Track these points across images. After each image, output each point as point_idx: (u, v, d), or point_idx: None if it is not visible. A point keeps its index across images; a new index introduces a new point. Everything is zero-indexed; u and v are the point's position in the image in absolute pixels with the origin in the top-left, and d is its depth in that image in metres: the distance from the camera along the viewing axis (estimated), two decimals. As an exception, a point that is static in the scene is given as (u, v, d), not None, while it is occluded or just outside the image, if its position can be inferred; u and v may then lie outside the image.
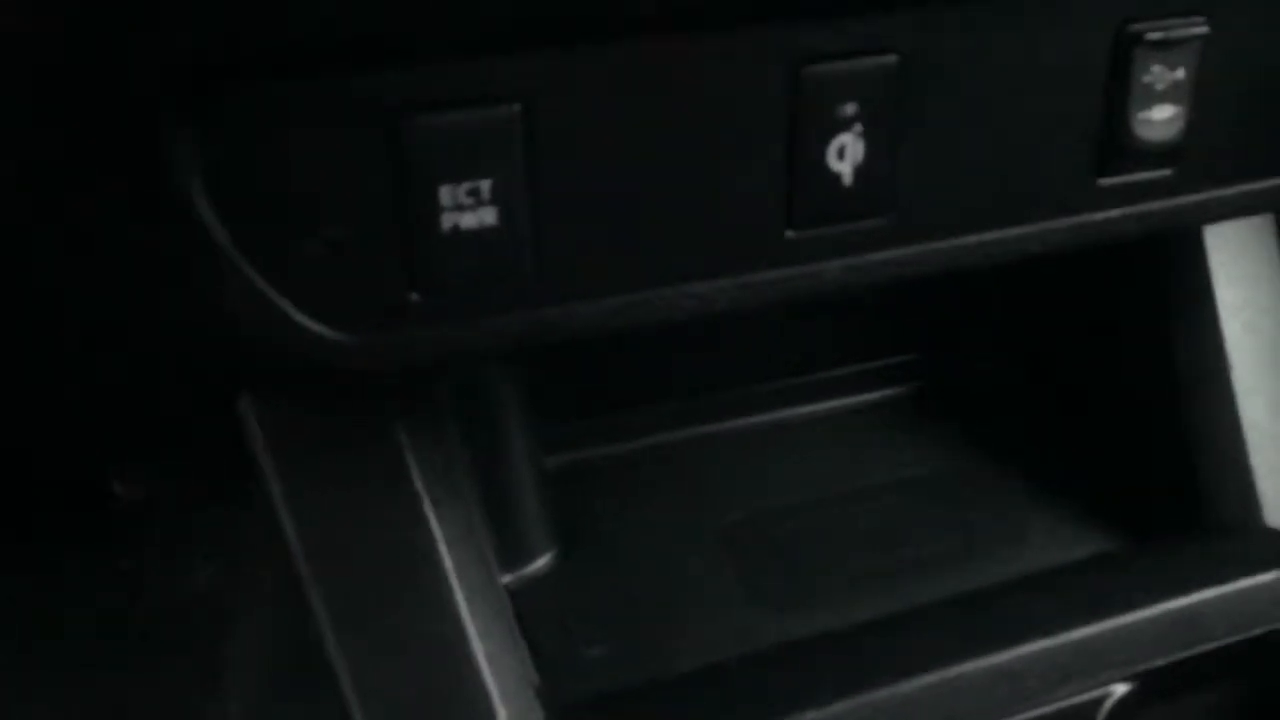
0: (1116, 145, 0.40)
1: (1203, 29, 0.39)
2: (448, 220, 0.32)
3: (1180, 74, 0.39)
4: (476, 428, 0.53)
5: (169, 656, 0.58)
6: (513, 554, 0.55)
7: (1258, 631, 0.48)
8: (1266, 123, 0.42)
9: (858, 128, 0.35)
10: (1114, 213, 0.41)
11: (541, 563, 0.56)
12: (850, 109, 0.35)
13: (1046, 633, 0.46)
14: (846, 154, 0.36)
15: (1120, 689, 0.46)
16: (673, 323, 0.37)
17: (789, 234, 0.37)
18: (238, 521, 0.59)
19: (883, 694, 0.44)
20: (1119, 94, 0.39)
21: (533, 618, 0.52)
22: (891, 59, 0.35)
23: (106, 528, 0.65)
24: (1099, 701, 0.45)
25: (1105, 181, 0.40)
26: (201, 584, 0.64)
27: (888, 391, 0.68)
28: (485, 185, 0.32)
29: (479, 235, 0.32)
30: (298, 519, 0.44)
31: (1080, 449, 0.62)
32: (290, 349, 0.33)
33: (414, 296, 0.33)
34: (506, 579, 0.54)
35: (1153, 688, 0.46)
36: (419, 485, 0.44)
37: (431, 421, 0.45)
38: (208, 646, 0.56)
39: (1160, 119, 0.40)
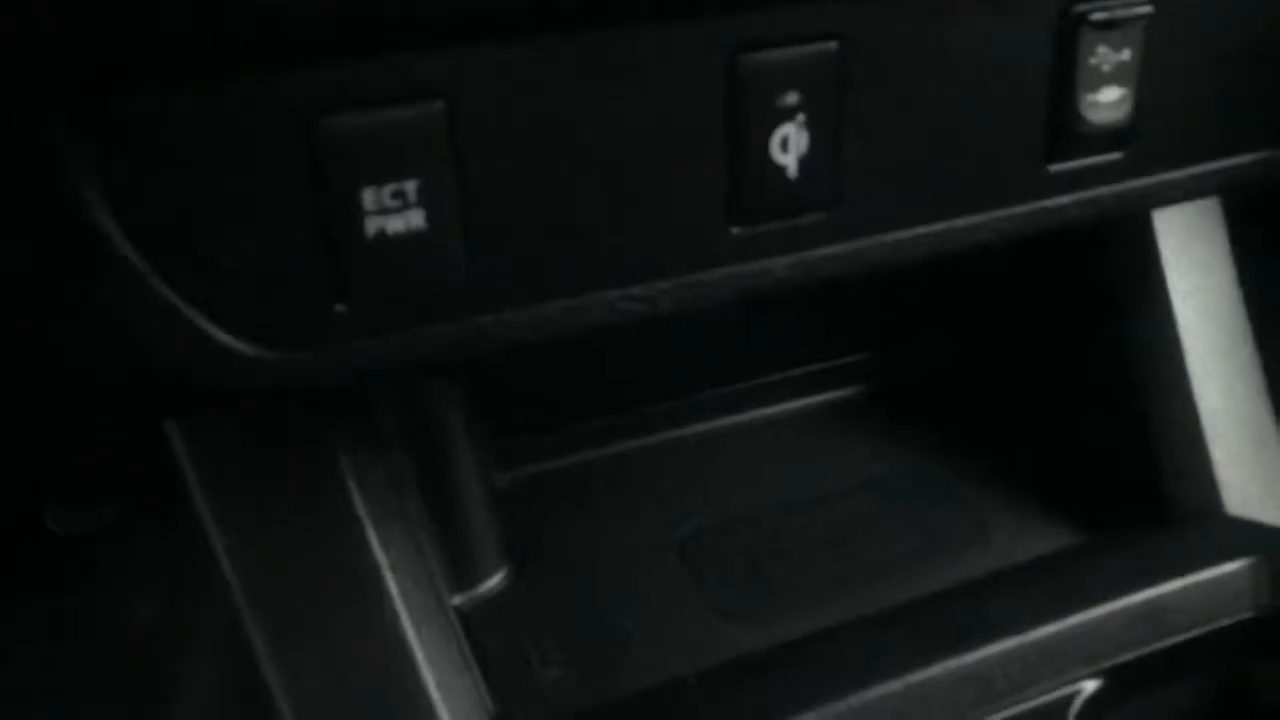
0: (1065, 130, 0.39)
1: (1147, 8, 0.38)
2: (372, 225, 0.30)
3: (1126, 55, 0.38)
4: (422, 445, 0.51)
5: (113, 695, 0.56)
6: (463, 574, 0.53)
7: (1224, 622, 0.47)
8: (1214, 103, 0.42)
9: (800, 118, 0.34)
10: (1064, 199, 0.40)
11: (493, 582, 0.54)
12: (792, 98, 0.34)
13: (1012, 632, 0.45)
14: (790, 145, 0.34)
15: (1089, 686, 0.45)
16: (615, 328, 0.36)
17: (734, 231, 0.35)
18: (179, 554, 0.57)
19: (848, 702, 0.43)
20: (1065, 77, 0.38)
21: (485, 640, 0.50)
22: (831, 45, 0.34)
23: (42, 565, 0.62)
24: (1069, 699, 0.44)
25: (1054, 167, 0.40)
26: (145, 620, 0.62)
27: (840, 393, 0.67)
28: (411, 187, 0.30)
29: (406, 240, 0.31)
30: (231, 548, 0.42)
31: (1038, 443, 0.62)
32: (209, 370, 0.31)
33: (339, 308, 0.31)
34: (457, 600, 0.52)
35: (1122, 683, 0.45)
36: (359, 508, 0.42)
37: (372, 440, 0.44)
38: (153, 684, 0.54)
39: (1108, 101, 0.39)
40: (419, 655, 0.42)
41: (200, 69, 0.27)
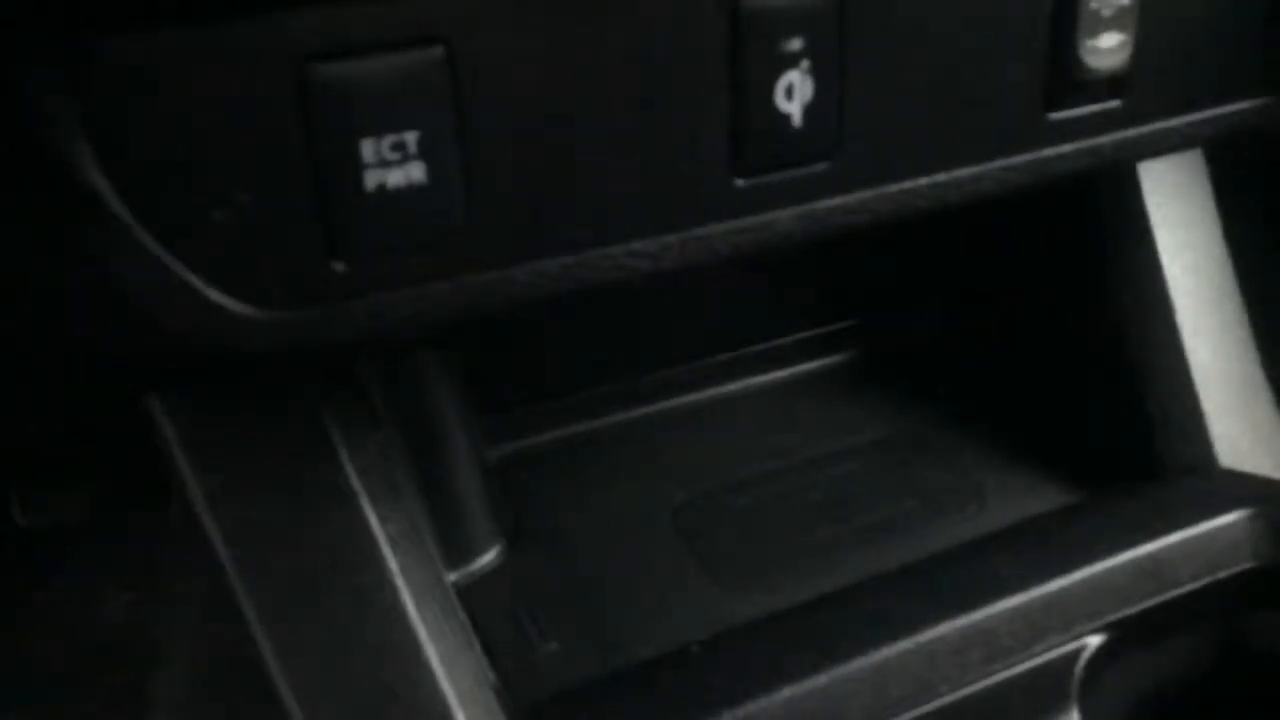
0: (1065, 76, 0.38)
1: (1147, -49, 0.37)
2: (372, 178, 0.29)
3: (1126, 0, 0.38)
4: (412, 420, 0.50)
5: (89, 691, 0.55)
6: (457, 550, 0.52)
7: (1224, 574, 0.47)
8: (1209, 50, 0.41)
9: (805, 64, 0.33)
10: (1065, 148, 0.40)
11: (488, 558, 0.53)
12: (796, 44, 0.33)
13: (1017, 589, 0.45)
14: (795, 93, 0.34)
15: (1094, 641, 0.45)
16: (618, 285, 0.35)
17: (738, 183, 0.34)
18: (152, 545, 0.56)
19: (857, 665, 0.42)
20: (1066, 21, 0.37)
21: (483, 615, 0.49)
22: (835, -12, 0.33)
23: (9, 559, 0.61)
24: (1075, 655, 0.44)
25: (1055, 116, 0.39)
26: (118, 614, 0.61)
27: (829, 359, 0.66)
28: (411, 138, 0.29)
29: (406, 194, 0.29)
30: (223, 527, 0.40)
31: (1029, 403, 0.61)
32: (201, 331, 0.29)
33: (337, 265, 0.30)
34: (453, 577, 0.51)
35: (1126, 637, 0.45)
36: (355, 482, 0.41)
37: (363, 414, 0.42)
38: (130, 680, 0.53)
39: (1108, 47, 0.38)
40: (421, 631, 0.41)
41: (189, 11, 0.26)
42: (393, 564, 0.41)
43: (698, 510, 0.56)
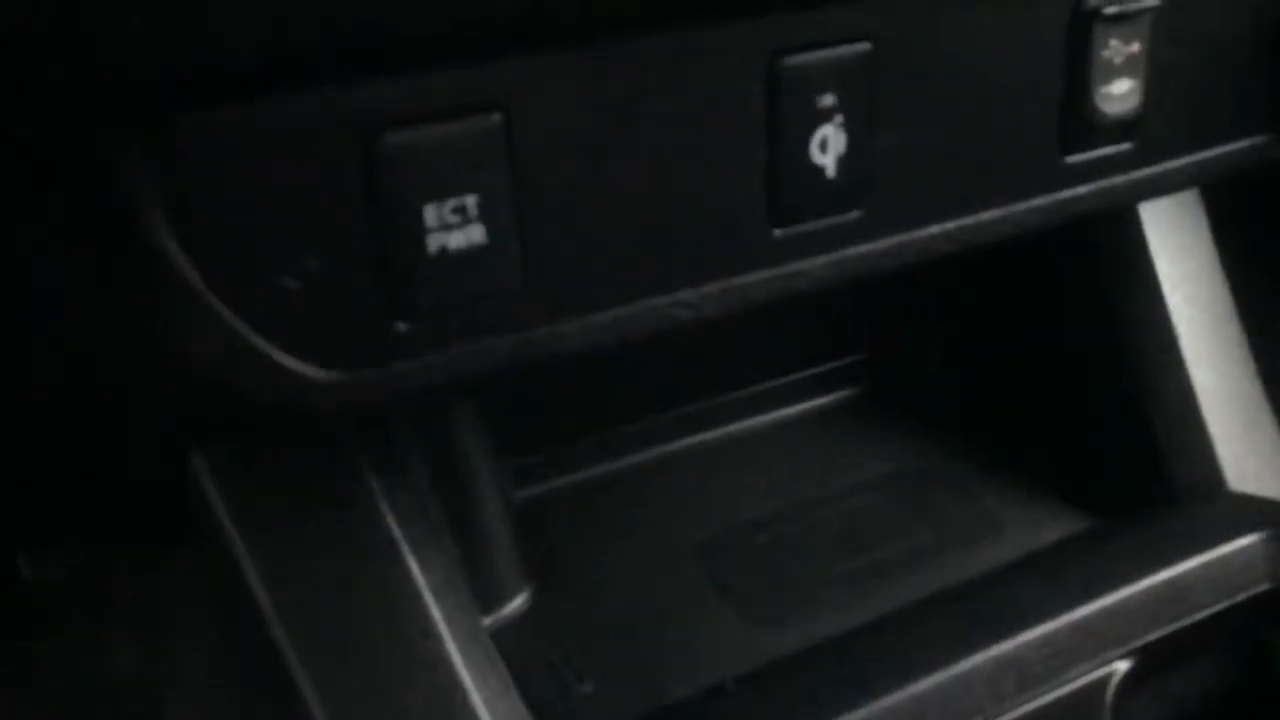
0: (1080, 121, 0.40)
1: (1154, 1, 0.39)
2: (434, 241, 0.30)
3: (1135, 47, 0.39)
4: (442, 466, 0.51)
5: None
6: (488, 595, 0.53)
7: (1243, 596, 0.48)
8: (1213, 91, 0.43)
9: (838, 118, 0.35)
10: (1080, 190, 0.41)
11: (518, 602, 0.53)
12: (830, 99, 0.34)
13: (1044, 617, 0.46)
14: (829, 146, 0.35)
15: (1123, 666, 0.46)
16: (662, 334, 0.36)
17: (775, 233, 0.36)
18: (159, 597, 0.56)
19: (894, 698, 0.43)
20: (1080, 70, 0.39)
21: (517, 660, 0.50)
22: (865, 46, 0.35)
23: (16, 612, 0.61)
24: (1105, 681, 0.45)
25: (1071, 159, 0.41)
26: (126, 666, 0.60)
27: (840, 394, 0.67)
28: (471, 201, 0.30)
29: (467, 255, 0.30)
30: (268, 577, 0.41)
31: (1037, 434, 0.63)
32: (266, 392, 0.30)
33: (400, 326, 0.31)
34: (485, 622, 0.52)
35: (1152, 662, 0.46)
36: (396, 532, 0.42)
37: (399, 463, 0.43)
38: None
39: (1120, 93, 0.40)
40: (466, 679, 0.41)
41: (263, 85, 0.27)
42: (435, 613, 0.42)
43: (721, 547, 0.57)
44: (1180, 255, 0.59)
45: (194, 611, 0.50)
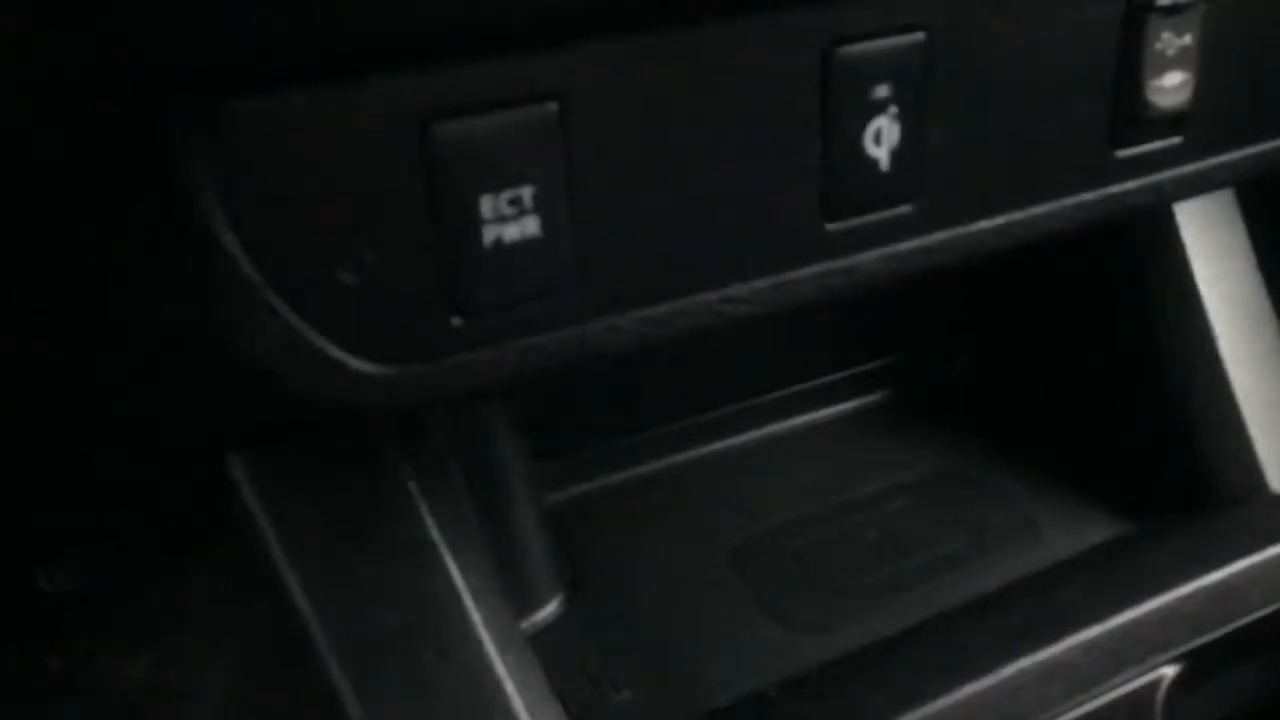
0: (1132, 115, 0.39)
1: (1208, -9, 0.38)
2: (489, 234, 0.29)
3: (1188, 39, 0.39)
4: (476, 469, 0.50)
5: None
6: (522, 600, 0.52)
7: (1291, 598, 0.48)
8: (1263, 84, 0.42)
9: (892, 110, 0.34)
10: (1130, 184, 0.41)
11: (552, 607, 0.53)
12: (884, 90, 0.34)
13: (1091, 621, 0.45)
14: (883, 138, 0.34)
15: (1171, 670, 0.45)
16: (713, 330, 0.35)
17: (828, 227, 0.35)
18: (174, 609, 0.56)
19: (941, 703, 0.43)
20: (1133, 62, 0.38)
21: (553, 666, 0.49)
22: (919, 36, 0.34)
23: (32, 625, 0.60)
24: (1154, 685, 0.44)
25: (1122, 153, 0.40)
26: (141, 678, 0.60)
27: (873, 397, 0.67)
28: (527, 193, 0.29)
29: (521, 247, 0.30)
30: (306, 583, 0.40)
31: (1075, 436, 0.62)
32: (320, 388, 0.30)
33: (455, 320, 0.30)
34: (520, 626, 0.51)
35: (1201, 665, 0.46)
36: (435, 534, 0.41)
37: (438, 465, 0.42)
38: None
39: (1172, 85, 0.39)
40: (506, 684, 0.40)
41: (322, 75, 0.26)
42: (475, 616, 0.41)
43: (755, 552, 0.56)
44: (1216, 255, 0.58)
45: (215, 622, 0.49)
